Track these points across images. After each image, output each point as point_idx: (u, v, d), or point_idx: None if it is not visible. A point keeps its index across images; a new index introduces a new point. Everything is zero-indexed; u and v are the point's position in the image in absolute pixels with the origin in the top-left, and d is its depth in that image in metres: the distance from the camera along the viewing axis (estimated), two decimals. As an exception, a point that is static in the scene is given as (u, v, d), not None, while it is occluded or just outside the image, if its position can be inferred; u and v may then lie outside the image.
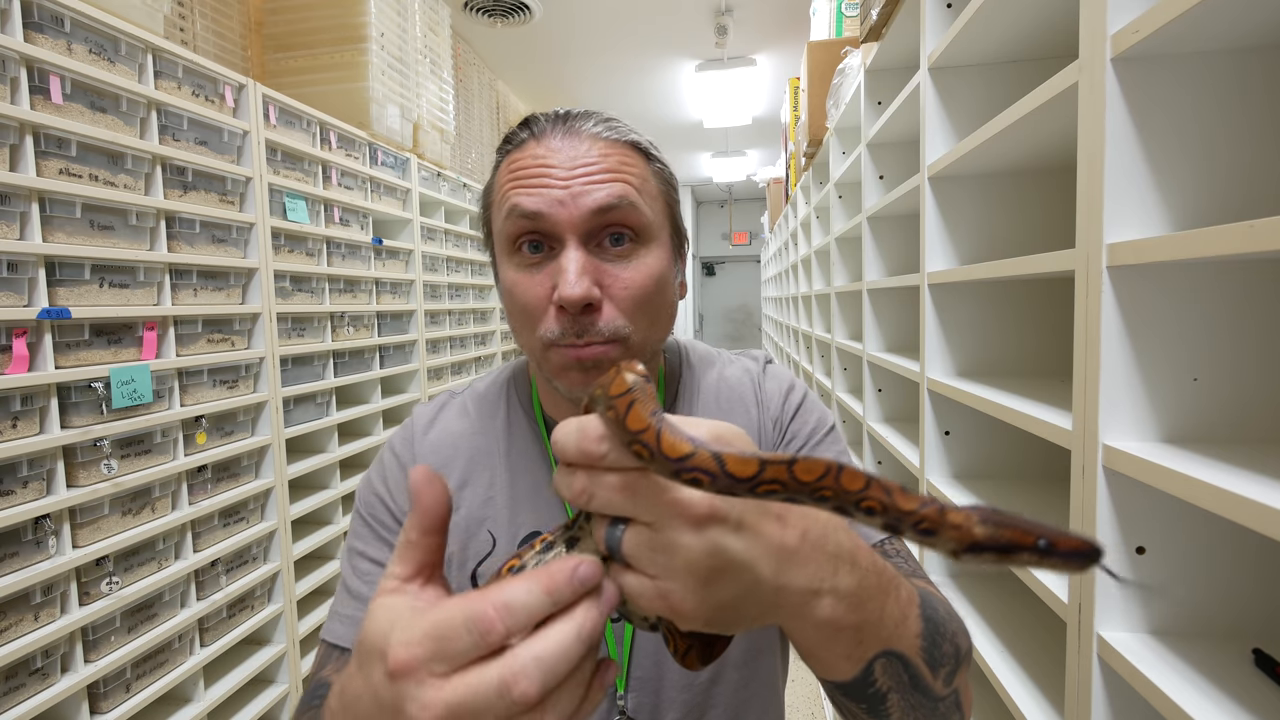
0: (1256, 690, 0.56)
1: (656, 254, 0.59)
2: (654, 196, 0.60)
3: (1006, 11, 0.92)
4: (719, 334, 10.20)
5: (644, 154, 0.61)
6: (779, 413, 0.69)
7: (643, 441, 0.31)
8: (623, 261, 0.57)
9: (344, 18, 2.16)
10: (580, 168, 0.56)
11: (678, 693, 0.64)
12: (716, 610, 0.34)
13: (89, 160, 1.28)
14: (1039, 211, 1.14)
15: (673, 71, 4.29)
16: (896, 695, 0.43)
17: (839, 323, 2.25)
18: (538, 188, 0.56)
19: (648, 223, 0.58)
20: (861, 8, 1.62)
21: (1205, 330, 0.63)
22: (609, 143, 0.58)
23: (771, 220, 5.08)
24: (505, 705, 0.29)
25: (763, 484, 0.31)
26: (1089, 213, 0.66)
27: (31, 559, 1.17)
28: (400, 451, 0.70)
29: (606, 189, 0.56)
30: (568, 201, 0.55)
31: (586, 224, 0.56)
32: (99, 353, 1.30)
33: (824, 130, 2.29)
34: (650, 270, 0.58)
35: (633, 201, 0.57)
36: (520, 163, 0.58)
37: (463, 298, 2.98)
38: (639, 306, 0.57)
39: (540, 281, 0.57)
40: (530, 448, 0.68)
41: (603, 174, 0.56)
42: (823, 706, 2.63)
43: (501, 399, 0.72)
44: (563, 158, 0.56)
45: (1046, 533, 0.30)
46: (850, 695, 0.43)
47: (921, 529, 0.31)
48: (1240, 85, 0.62)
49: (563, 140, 0.58)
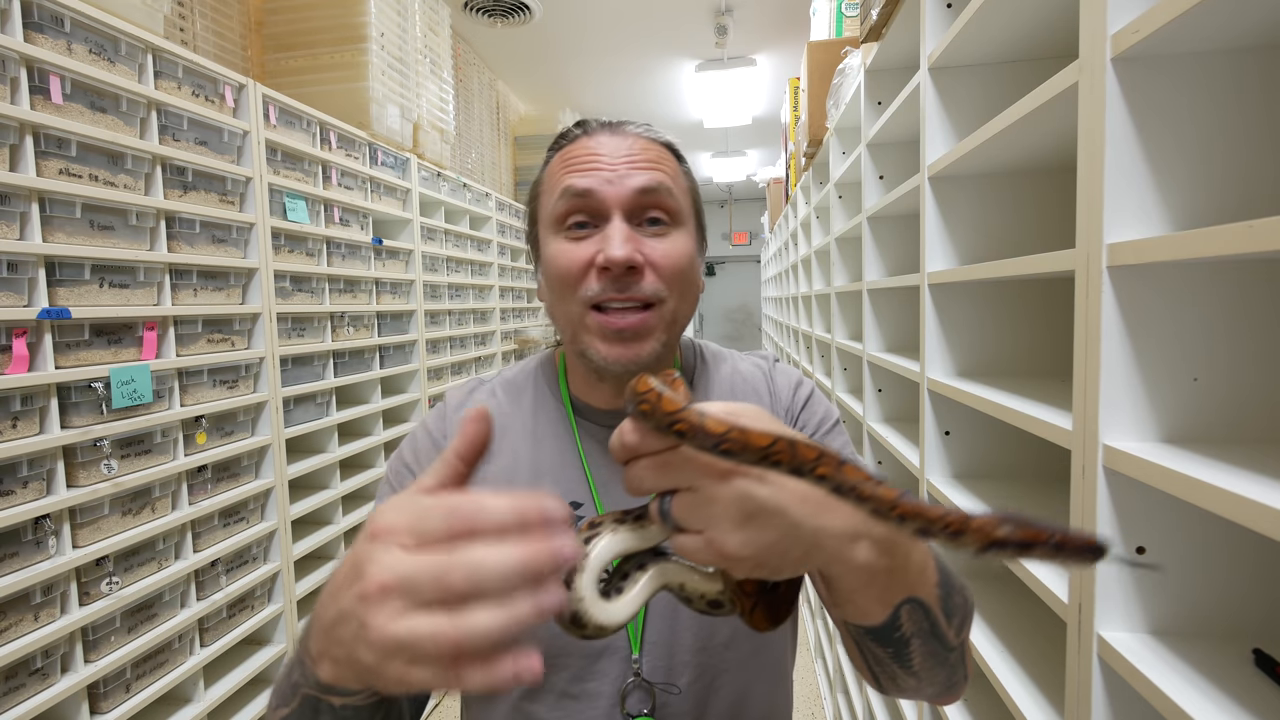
0: (1256, 690, 0.56)
1: (686, 237, 0.67)
2: (683, 191, 0.69)
3: (1006, 12, 0.92)
4: (719, 334, 10.20)
5: (675, 155, 0.70)
6: (790, 403, 0.75)
7: (682, 419, 0.38)
8: (659, 238, 0.65)
9: (344, 18, 2.17)
10: (624, 156, 0.65)
11: (691, 655, 0.66)
12: (761, 551, 0.39)
13: (89, 160, 1.28)
14: (1039, 212, 1.14)
15: (673, 71, 4.29)
16: (918, 641, 0.49)
17: (839, 323, 2.25)
18: (589, 170, 0.64)
19: (680, 209, 0.67)
20: (861, 8, 1.62)
21: (1205, 330, 0.63)
22: (649, 141, 0.67)
23: (771, 220, 5.08)
24: (435, 590, 0.32)
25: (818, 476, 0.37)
26: (1089, 213, 0.66)
27: (31, 559, 1.18)
28: (433, 428, 0.74)
29: (648, 175, 0.64)
30: (615, 181, 0.63)
31: (631, 202, 0.63)
32: (99, 353, 1.30)
33: (824, 130, 2.29)
34: (683, 247, 0.66)
35: (669, 187, 0.65)
36: (573, 153, 0.66)
37: (463, 298, 2.98)
38: (674, 276, 0.65)
39: (585, 249, 0.63)
40: (556, 423, 0.72)
41: (645, 163, 0.65)
42: (823, 706, 2.62)
43: (529, 383, 0.77)
44: (610, 148, 0.65)
45: (1058, 532, 0.35)
46: (879, 640, 0.48)
47: (952, 531, 0.35)
48: (1240, 85, 0.62)
49: (610, 136, 0.67)
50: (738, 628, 0.67)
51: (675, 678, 0.66)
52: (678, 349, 0.75)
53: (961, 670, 0.55)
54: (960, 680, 0.56)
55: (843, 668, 2.18)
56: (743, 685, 0.68)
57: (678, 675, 0.66)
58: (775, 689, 0.72)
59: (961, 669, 0.55)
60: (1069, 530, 0.35)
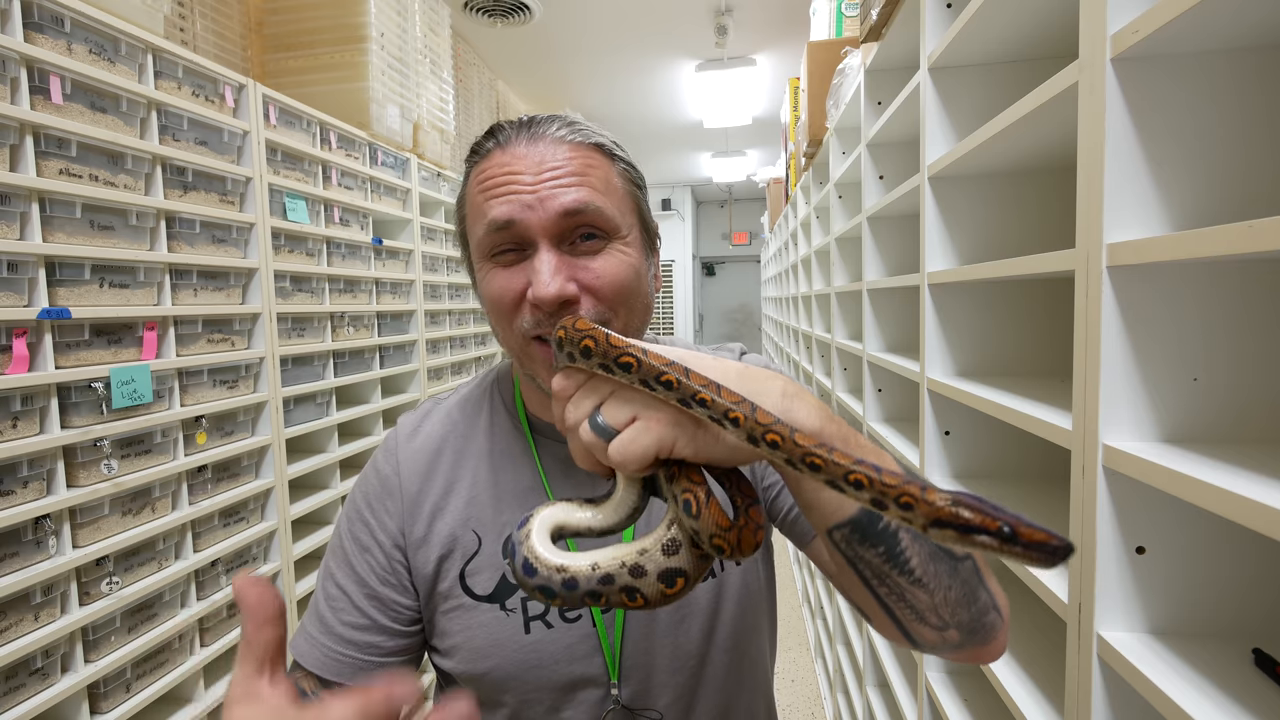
0: (1256, 690, 0.56)
1: (626, 247, 0.61)
2: (620, 195, 0.62)
3: (1006, 11, 0.92)
4: (719, 334, 10.19)
5: (608, 154, 0.63)
6: None
7: (629, 353, 0.41)
8: (594, 255, 0.59)
9: (344, 18, 2.16)
10: (546, 172, 0.58)
11: (668, 676, 0.65)
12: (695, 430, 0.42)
13: (89, 160, 1.28)
14: (1039, 211, 1.14)
15: (673, 71, 4.29)
16: (907, 535, 0.46)
17: (839, 323, 2.25)
18: (506, 195, 0.58)
19: (614, 220, 0.60)
20: (861, 8, 1.62)
21: (1205, 330, 0.63)
22: (572, 145, 0.60)
23: (771, 220, 5.07)
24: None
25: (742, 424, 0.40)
26: (1089, 213, 0.66)
27: (31, 559, 1.17)
28: (382, 465, 0.70)
29: (573, 193, 0.58)
30: (536, 206, 0.57)
31: (556, 226, 0.58)
32: (99, 353, 1.30)
33: (824, 130, 2.29)
34: (621, 263, 0.60)
35: (598, 206, 0.59)
36: (488, 172, 0.60)
37: (463, 298, 2.98)
38: (615, 295, 0.59)
39: (516, 279, 0.59)
40: (513, 445, 0.69)
41: (568, 177, 0.58)
42: (823, 706, 2.62)
43: (485, 400, 0.73)
44: (528, 163, 0.58)
45: (1012, 521, 0.32)
46: (867, 538, 0.46)
47: (903, 503, 0.35)
48: (1240, 85, 0.62)
49: (527, 146, 0.59)
50: (713, 645, 0.67)
51: (654, 701, 0.65)
52: None
53: (986, 596, 0.50)
54: (989, 611, 0.50)
55: (843, 668, 2.18)
56: (724, 701, 0.67)
57: (656, 699, 0.65)
58: (755, 698, 0.71)
59: (985, 594, 0.50)
60: (1026, 522, 0.33)
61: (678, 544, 0.44)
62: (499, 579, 0.65)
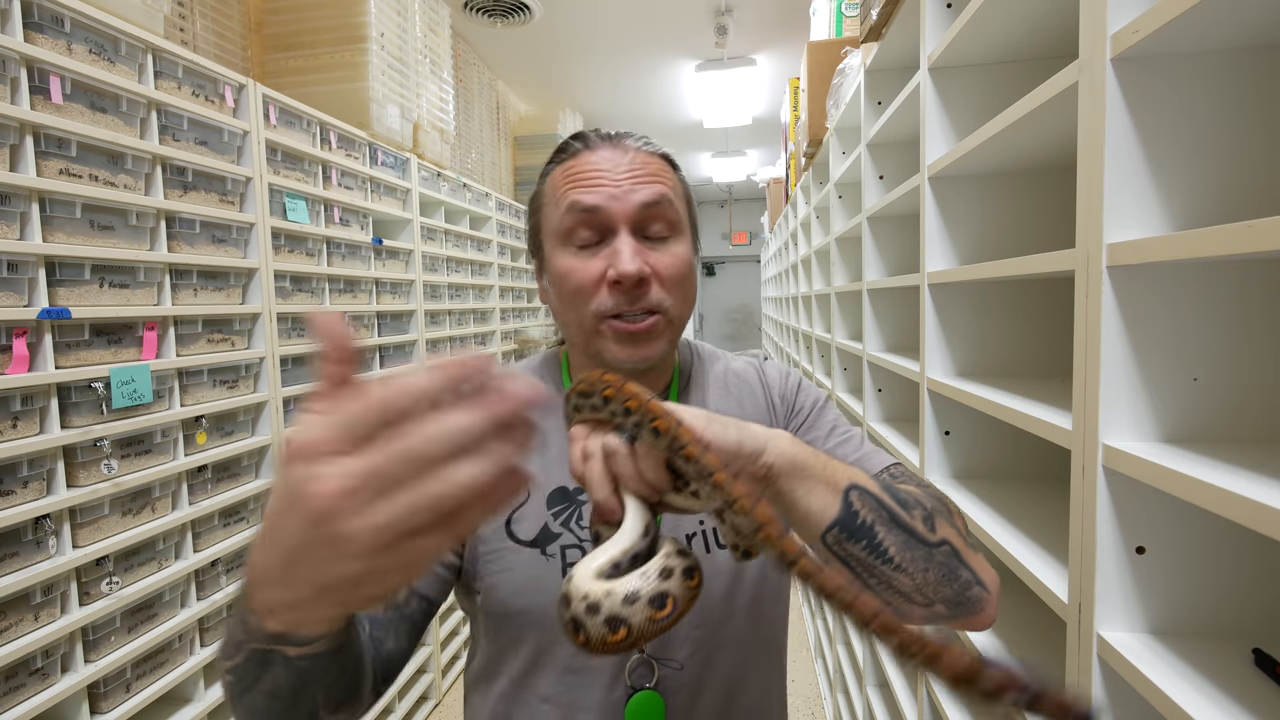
0: (1256, 690, 0.56)
1: (685, 245, 0.71)
2: (681, 200, 0.72)
3: (1006, 11, 0.92)
4: (719, 334, 10.20)
5: (673, 166, 0.74)
6: (783, 389, 0.80)
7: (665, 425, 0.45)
8: (663, 248, 0.69)
9: (344, 18, 2.16)
10: (627, 171, 0.68)
11: (690, 630, 0.69)
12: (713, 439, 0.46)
13: (89, 160, 1.28)
14: (1039, 211, 1.14)
15: (673, 71, 4.29)
16: (883, 529, 0.51)
17: (839, 323, 2.25)
18: (594, 186, 0.67)
19: (679, 219, 0.70)
20: (861, 8, 1.62)
21: (1205, 330, 0.63)
22: (648, 154, 0.70)
23: (771, 220, 5.07)
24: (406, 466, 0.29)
25: None
26: (1089, 213, 0.66)
27: (31, 559, 1.18)
28: None
29: (651, 189, 0.68)
30: (620, 197, 0.67)
31: (636, 216, 0.67)
32: (99, 353, 1.30)
33: (824, 130, 2.29)
34: (683, 256, 0.70)
35: (671, 200, 0.69)
36: (576, 168, 0.69)
37: (463, 298, 2.98)
38: (677, 284, 0.69)
39: (594, 265, 0.67)
40: (561, 420, 0.73)
41: (647, 177, 0.68)
42: (823, 706, 2.62)
43: (536, 376, 0.80)
44: (612, 163, 0.68)
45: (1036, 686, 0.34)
46: (849, 533, 0.50)
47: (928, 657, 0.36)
48: (1239, 85, 0.62)
49: (611, 150, 0.69)
50: (734, 605, 0.71)
51: (674, 653, 0.69)
52: (676, 350, 0.79)
53: (967, 574, 0.55)
54: (972, 586, 0.55)
55: (843, 668, 2.18)
56: (739, 661, 0.71)
57: (676, 650, 0.69)
58: (770, 667, 0.75)
59: (965, 572, 0.55)
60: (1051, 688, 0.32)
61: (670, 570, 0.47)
62: (541, 526, 0.70)
